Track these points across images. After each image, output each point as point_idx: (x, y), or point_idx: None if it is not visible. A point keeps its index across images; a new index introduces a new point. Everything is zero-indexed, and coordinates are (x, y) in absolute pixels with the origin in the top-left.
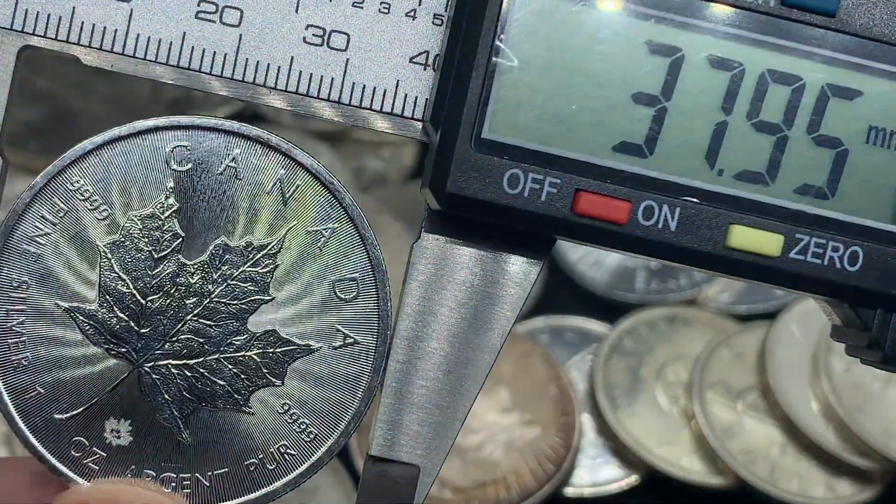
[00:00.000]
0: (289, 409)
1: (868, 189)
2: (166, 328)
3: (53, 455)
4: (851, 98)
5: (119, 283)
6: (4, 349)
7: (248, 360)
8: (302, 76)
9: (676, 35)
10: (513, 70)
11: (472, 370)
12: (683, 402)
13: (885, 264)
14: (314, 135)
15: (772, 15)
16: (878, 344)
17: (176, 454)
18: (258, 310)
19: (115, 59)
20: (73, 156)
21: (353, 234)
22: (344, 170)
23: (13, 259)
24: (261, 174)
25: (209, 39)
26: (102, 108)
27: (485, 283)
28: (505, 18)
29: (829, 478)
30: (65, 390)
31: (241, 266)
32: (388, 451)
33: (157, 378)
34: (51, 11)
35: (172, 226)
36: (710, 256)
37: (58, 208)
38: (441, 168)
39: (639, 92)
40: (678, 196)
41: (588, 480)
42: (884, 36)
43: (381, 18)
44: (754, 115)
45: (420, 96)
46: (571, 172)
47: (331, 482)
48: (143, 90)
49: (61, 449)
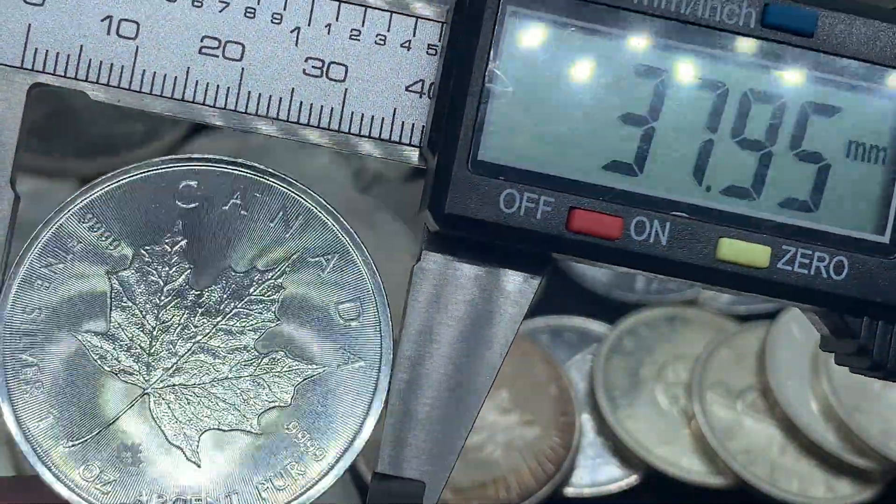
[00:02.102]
0: (296, 430)
1: (850, 201)
2: (175, 353)
3: (63, 483)
4: (831, 115)
5: (129, 311)
6: (17, 376)
7: (255, 384)
8: (303, 106)
9: (662, 58)
10: (506, 95)
11: (473, 387)
12: (683, 402)
13: (869, 273)
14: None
15: (753, 36)
16: (866, 351)
17: (186, 477)
18: (265, 335)
19: (123, 94)
20: (87, 191)
21: (355, 260)
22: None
23: (27, 290)
24: (265, 207)
25: (212, 73)
26: (104, 106)
27: (485, 301)
28: (497, 46)
29: (829, 478)
30: (76, 416)
31: (248, 294)
32: (394, 468)
33: (167, 402)
34: (59, 50)
35: (180, 258)
36: (701, 269)
37: (71, 241)
38: (439, 190)
39: (627, 113)
40: (668, 211)
41: (588, 480)
42: (860, 54)
43: (378, 50)
44: (739, 133)
45: (417, 123)
46: (565, 191)
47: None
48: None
49: (71, 476)
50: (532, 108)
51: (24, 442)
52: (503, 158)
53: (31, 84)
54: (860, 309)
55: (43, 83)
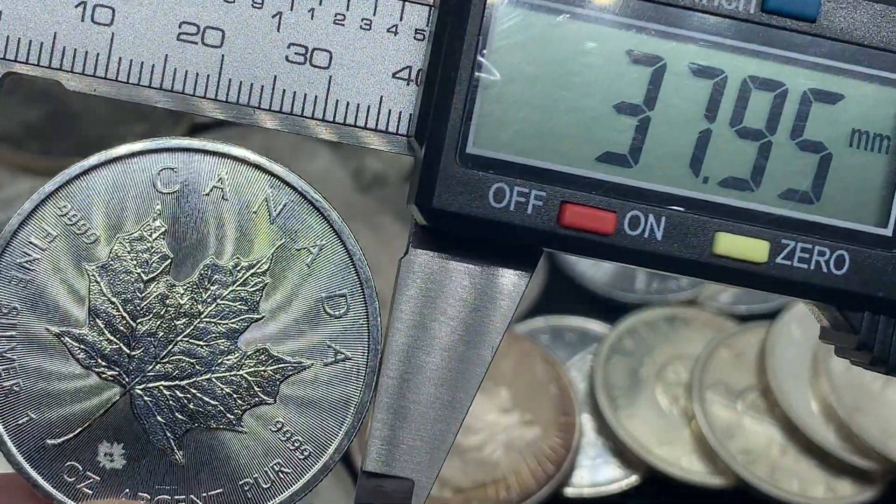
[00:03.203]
0: (282, 428)
1: (852, 192)
2: (157, 350)
3: (47, 480)
4: (833, 102)
5: (109, 306)
6: None
7: (239, 380)
8: (286, 95)
9: (658, 44)
10: (496, 84)
11: (463, 383)
12: (683, 402)
13: (871, 267)
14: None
15: (752, 22)
16: (867, 346)
17: (170, 476)
18: (248, 329)
19: (99, 83)
20: (60, 180)
21: (341, 250)
22: (344, 170)
23: (2, 284)
24: (248, 194)
25: (191, 61)
26: (103, 107)
27: (473, 296)
28: (487, 33)
29: (829, 478)
30: (57, 415)
31: (231, 285)
32: (383, 466)
33: (149, 400)
34: (32, 37)
35: (160, 247)
36: (697, 264)
37: (46, 233)
38: (427, 184)
39: (621, 102)
40: (664, 205)
41: (588, 480)
42: (864, 40)
43: (363, 35)
44: (737, 122)
45: (404, 111)
46: (556, 184)
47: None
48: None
49: (54, 474)
50: (523, 99)
51: (5, 440)
52: (493, 150)
53: (4, 73)
54: (861, 304)
55: (16, 72)
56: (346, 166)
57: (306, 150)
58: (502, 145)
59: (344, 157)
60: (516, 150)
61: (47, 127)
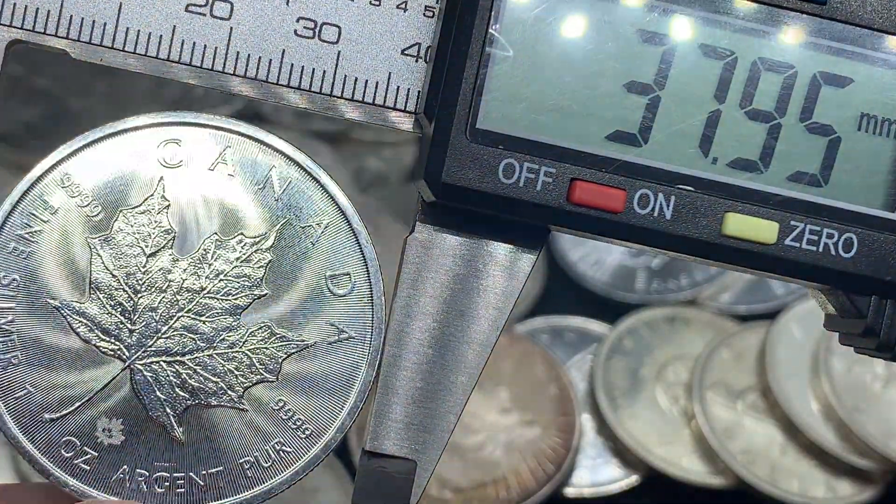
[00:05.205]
0: (284, 406)
1: (861, 176)
2: (158, 325)
3: (44, 455)
4: (843, 85)
5: (110, 279)
6: None
7: (241, 357)
8: (293, 69)
9: (669, 24)
10: (507, 60)
11: (466, 363)
12: (683, 402)
13: (879, 250)
14: (314, 135)
15: (763, 3)
16: (874, 331)
17: (169, 453)
18: (251, 305)
19: (105, 52)
20: (64, 152)
21: (346, 228)
22: (344, 170)
23: (3, 256)
24: (252, 170)
25: (199, 32)
26: (102, 107)
27: (479, 274)
28: (498, 8)
29: (829, 478)
30: (55, 389)
31: (234, 261)
32: (384, 445)
33: (150, 375)
34: (39, 5)
35: (164, 222)
36: (706, 244)
37: (48, 205)
38: (436, 159)
39: (632, 81)
40: (673, 184)
41: (588, 480)
42: (874, 23)
43: (373, 10)
44: (747, 104)
45: (412, 88)
46: (566, 161)
47: (331, 482)
48: (142, 89)
49: (52, 449)
50: (533, 75)
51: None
52: (503, 126)
53: (10, 40)
54: (868, 288)
55: (22, 40)
56: (346, 166)
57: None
58: (513, 121)
59: (344, 156)
60: (527, 126)
61: (47, 127)
